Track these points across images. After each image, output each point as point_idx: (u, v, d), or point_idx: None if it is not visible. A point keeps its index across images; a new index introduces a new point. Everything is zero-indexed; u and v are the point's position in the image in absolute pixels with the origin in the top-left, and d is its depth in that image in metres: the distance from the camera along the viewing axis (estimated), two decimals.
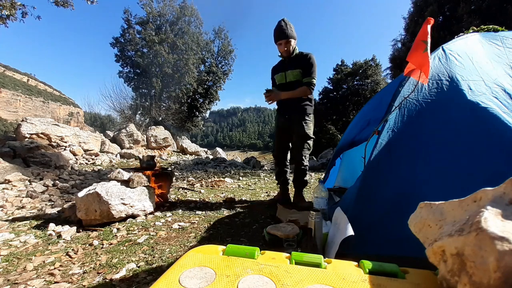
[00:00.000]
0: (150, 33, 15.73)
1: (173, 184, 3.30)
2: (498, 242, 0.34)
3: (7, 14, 5.08)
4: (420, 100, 1.42)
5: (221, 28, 18.92)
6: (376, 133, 1.45)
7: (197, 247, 0.64)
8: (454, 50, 1.57)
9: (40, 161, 4.15)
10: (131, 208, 2.13)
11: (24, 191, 2.84)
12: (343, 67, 22.62)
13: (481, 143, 1.24)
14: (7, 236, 1.78)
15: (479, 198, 0.43)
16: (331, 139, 18.48)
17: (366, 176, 1.38)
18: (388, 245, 1.16)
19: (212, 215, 2.31)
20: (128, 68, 16.45)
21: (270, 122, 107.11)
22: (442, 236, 0.44)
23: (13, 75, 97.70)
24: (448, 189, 1.19)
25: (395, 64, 14.47)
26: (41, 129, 5.19)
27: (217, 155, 8.90)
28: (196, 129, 19.85)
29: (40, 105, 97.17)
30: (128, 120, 11.48)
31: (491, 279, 0.33)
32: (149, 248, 1.63)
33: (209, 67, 18.56)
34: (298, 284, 0.48)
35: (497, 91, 1.35)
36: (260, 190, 3.46)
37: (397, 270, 0.52)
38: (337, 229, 1.28)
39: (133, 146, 7.57)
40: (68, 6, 5.82)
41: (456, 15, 10.94)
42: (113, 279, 1.28)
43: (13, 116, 76.54)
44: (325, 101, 22.51)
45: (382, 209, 1.26)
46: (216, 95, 18.98)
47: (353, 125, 2.33)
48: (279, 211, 2.31)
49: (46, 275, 1.33)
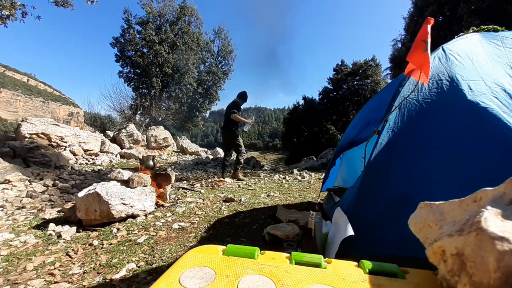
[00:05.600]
0: (150, 33, 15.72)
1: (173, 184, 3.30)
2: (498, 242, 0.34)
3: (7, 14, 5.08)
4: (420, 100, 1.42)
5: (221, 28, 18.93)
6: (376, 133, 1.45)
7: (197, 247, 0.64)
8: (454, 50, 1.57)
9: (40, 161, 4.15)
10: (131, 208, 2.13)
11: (24, 191, 2.84)
12: (343, 67, 22.62)
13: (481, 143, 1.24)
14: (7, 236, 1.78)
15: (479, 198, 0.43)
16: (331, 139, 18.50)
17: (366, 176, 1.37)
18: (388, 245, 1.16)
19: (212, 215, 2.31)
20: (128, 68, 16.44)
21: (270, 122, 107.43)
22: (442, 236, 0.44)
23: (13, 75, 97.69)
24: (448, 189, 1.19)
25: (395, 64, 14.46)
26: (41, 129, 5.19)
27: (217, 155, 8.90)
28: (196, 129, 19.86)
29: (40, 105, 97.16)
30: (128, 120, 11.46)
31: (491, 279, 0.33)
32: (149, 248, 1.63)
33: (209, 67, 18.56)
34: (298, 284, 0.48)
35: (497, 91, 1.35)
36: (260, 190, 3.46)
37: (397, 270, 0.52)
38: (337, 229, 1.28)
39: (133, 146, 7.57)
40: (68, 6, 5.82)
41: (456, 15, 10.93)
42: (113, 279, 1.29)
43: (13, 116, 76.54)
44: (325, 101, 22.53)
45: (382, 209, 1.26)
46: (216, 95, 18.98)
47: (353, 125, 2.33)
48: (279, 211, 2.31)
49: (46, 275, 1.33)
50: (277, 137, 29.26)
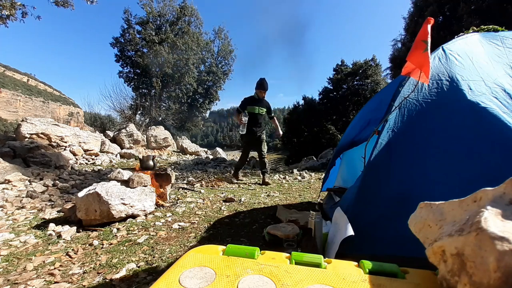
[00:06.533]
0: (150, 33, 15.73)
1: (173, 184, 3.30)
2: (498, 242, 0.34)
3: (7, 14, 5.07)
4: (420, 100, 1.42)
5: (221, 28, 18.93)
6: (376, 133, 1.45)
7: (197, 247, 0.64)
8: (454, 50, 1.57)
9: (40, 161, 4.15)
10: (131, 208, 2.13)
11: (24, 191, 2.84)
12: (343, 67, 22.60)
13: (481, 143, 1.24)
14: (7, 236, 1.78)
15: (479, 198, 0.43)
16: (331, 139, 18.48)
17: (366, 176, 1.37)
18: (388, 245, 1.16)
19: (212, 215, 2.31)
20: (128, 68, 16.45)
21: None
22: (442, 236, 0.44)
23: (13, 75, 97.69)
24: (448, 189, 1.19)
25: (395, 64, 14.45)
26: (41, 129, 5.19)
27: (217, 155, 8.89)
28: (196, 129, 19.87)
29: (40, 105, 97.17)
30: (128, 120, 11.45)
31: (491, 279, 0.33)
32: (149, 248, 1.63)
33: (209, 67, 18.57)
34: (298, 284, 0.48)
35: (497, 91, 1.35)
36: (260, 190, 3.46)
37: (397, 270, 0.52)
38: (337, 229, 1.28)
39: (133, 146, 7.57)
40: (68, 6, 5.81)
41: (456, 15, 10.92)
42: (113, 279, 1.28)
43: (13, 116, 76.55)
44: (325, 101, 22.50)
45: (382, 209, 1.26)
46: (216, 95, 18.99)
47: (353, 125, 2.33)
48: (279, 211, 2.31)
49: (46, 275, 1.33)
50: (277, 137, 29.59)
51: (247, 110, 3.90)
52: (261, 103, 3.98)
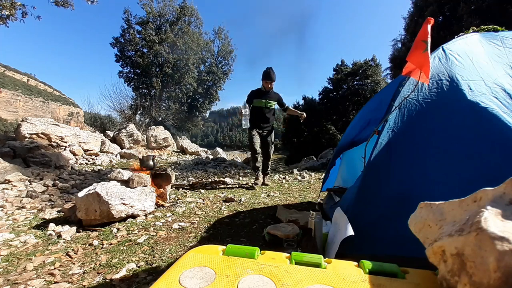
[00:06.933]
0: (150, 33, 15.74)
1: (173, 184, 3.30)
2: (498, 242, 0.34)
3: (7, 14, 5.07)
4: (420, 100, 1.42)
5: (221, 28, 18.95)
6: (376, 133, 1.45)
7: (197, 247, 0.64)
8: (454, 50, 1.57)
9: (40, 161, 4.15)
10: (131, 208, 2.13)
11: (24, 191, 2.84)
12: (343, 67, 22.59)
13: (481, 143, 1.24)
14: (7, 236, 1.78)
15: (479, 198, 0.43)
16: (331, 139, 18.48)
17: (366, 176, 1.37)
18: (388, 245, 1.16)
19: (212, 215, 2.31)
20: (128, 68, 16.47)
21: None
22: (442, 236, 0.44)
23: (13, 75, 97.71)
24: (448, 189, 1.19)
25: (395, 64, 14.46)
26: (41, 129, 5.19)
27: (217, 155, 8.89)
28: (196, 129, 19.89)
29: (40, 105, 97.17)
30: (128, 120, 11.45)
31: (491, 279, 0.33)
32: (149, 248, 1.63)
33: (209, 67, 18.58)
34: (298, 284, 0.48)
35: (497, 91, 1.35)
36: (260, 190, 3.46)
37: (397, 270, 0.52)
38: (337, 229, 1.28)
39: (133, 146, 7.57)
40: (68, 6, 5.81)
41: (456, 15, 10.93)
42: (113, 279, 1.28)
43: (13, 116, 76.55)
44: (325, 101, 22.50)
45: (382, 209, 1.26)
46: (216, 95, 19.00)
47: (353, 125, 2.33)
48: (279, 211, 2.31)
49: (46, 275, 1.33)
50: (277, 137, 29.98)
51: (253, 104, 3.53)
52: (268, 96, 3.56)
